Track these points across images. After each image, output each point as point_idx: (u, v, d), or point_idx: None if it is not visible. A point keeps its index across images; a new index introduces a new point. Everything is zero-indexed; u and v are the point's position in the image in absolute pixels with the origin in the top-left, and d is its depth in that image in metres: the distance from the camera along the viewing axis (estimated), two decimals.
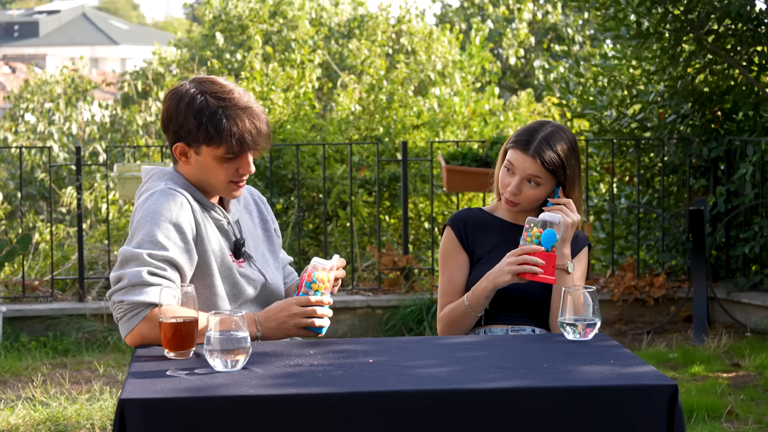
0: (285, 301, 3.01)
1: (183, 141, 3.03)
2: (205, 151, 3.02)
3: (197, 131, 2.99)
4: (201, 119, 2.98)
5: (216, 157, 3.02)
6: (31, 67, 12.93)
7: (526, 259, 3.23)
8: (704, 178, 7.80)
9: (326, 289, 3.00)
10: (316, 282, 2.98)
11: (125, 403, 2.46)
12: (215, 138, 2.98)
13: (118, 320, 2.92)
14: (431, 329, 7.04)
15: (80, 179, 7.57)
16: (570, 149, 3.39)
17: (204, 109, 2.98)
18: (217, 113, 2.98)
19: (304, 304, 2.98)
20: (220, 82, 3.05)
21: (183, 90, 3.03)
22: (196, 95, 3.00)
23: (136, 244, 2.93)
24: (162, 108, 3.09)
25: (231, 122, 2.98)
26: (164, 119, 3.07)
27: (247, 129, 2.99)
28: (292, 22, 13.12)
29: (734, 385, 5.82)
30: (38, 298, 7.37)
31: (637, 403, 2.54)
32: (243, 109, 3.00)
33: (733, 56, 7.51)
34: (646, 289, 7.47)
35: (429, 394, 2.52)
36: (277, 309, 3.00)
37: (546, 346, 2.96)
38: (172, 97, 3.05)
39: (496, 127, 9.65)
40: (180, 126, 3.02)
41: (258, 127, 3.01)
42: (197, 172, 3.06)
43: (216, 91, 3.01)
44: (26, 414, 5.34)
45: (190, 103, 3.00)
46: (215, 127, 2.98)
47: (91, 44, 42.37)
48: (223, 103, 2.99)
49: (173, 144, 3.05)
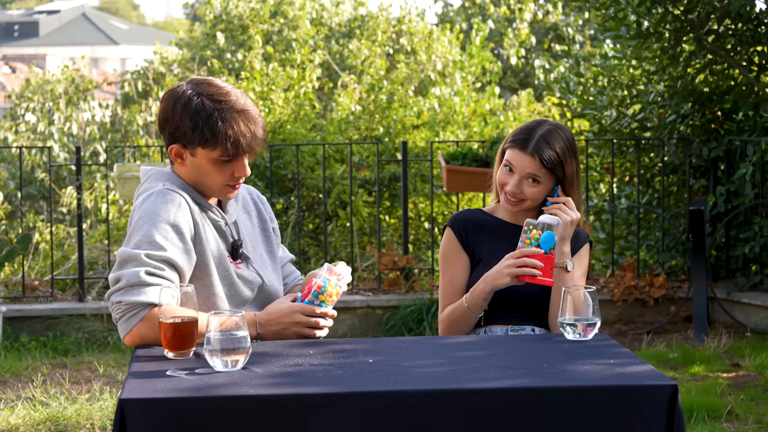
0: (289, 306, 3.00)
1: (179, 142, 3.03)
2: (200, 153, 3.02)
3: (192, 133, 2.99)
4: (197, 121, 2.97)
5: (211, 159, 3.01)
6: (32, 66, 12.92)
7: (525, 261, 3.23)
8: (704, 178, 7.80)
9: (332, 302, 3.00)
10: (325, 294, 2.98)
11: (125, 403, 2.46)
12: (210, 140, 2.98)
13: (116, 321, 2.92)
14: (431, 329, 7.04)
15: (80, 179, 7.57)
16: (568, 147, 3.40)
17: (200, 111, 2.98)
18: (212, 115, 2.97)
19: (309, 314, 2.98)
20: (217, 83, 3.04)
21: (179, 91, 3.03)
22: (193, 97, 3.00)
23: (134, 245, 2.94)
24: (159, 108, 3.10)
25: (227, 125, 2.97)
26: (161, 120, 3.07)
27: (242, 132, 2.98)
28: (292, 22, 13.12)
29: (734, 385, 5.82)
30: (38, 298, 7.37)
31: (637, 403, 2.54)
32: (239, 112, 2.99)
33: (733, 56, 7.51)
34: (646, 289, 7.47)
35: (429, 393, 2.52)
36: (280, 313, 2.99)
37: (546, 346, 2.96)
38: (169, 98, 3.04)
39: (497, 127, 9.65)
40: (176, 127, 3.01)
41: (253, 130, 3.00)
42: (193, 173, 3.06)
43: (212, 93, 3.00)
44: (26, 414, 5.34)
45: (186, 105, 2.99)
46: (211, 130, 2.97)
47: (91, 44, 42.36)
48: (219, 106, 2.98)
49: (169, 145, 3.05)
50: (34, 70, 12.75)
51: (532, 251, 3.23)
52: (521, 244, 3.27)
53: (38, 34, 45.29)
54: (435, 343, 3.08)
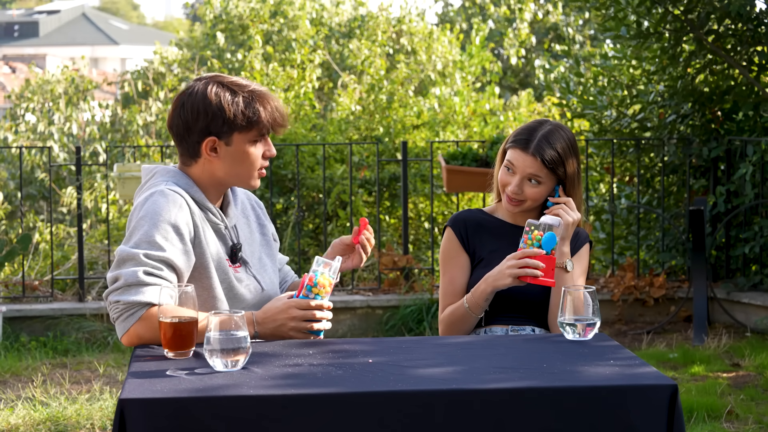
0: (284, 302, 2.99)
1: (214, 134, 3.04)
2: (236, 140, 3.05)
3: (234, 118, 3.03)
4: (237, 105, 3.03)
5: (248, 141, 3.07)
6: (32, 66, 12.92)
7: (527, 262, 3.22)
8: (704, 178, 7.80)
9: (327, 294, 2.99)
10: (318, 286, 2.97)
11: (125, 403, 2.46)
12: (253, 121, 3.04)
13: (114, 320, 2.92)
14: (431, 329, 7.04)
15: (80, 179, 7.57)
16: (569, 147, 3.40)
17: (235, 98, 3.04)
18: (247, 98, 3.05)
19: (304, 307, 2.97)
20: (227, 75, 3.12)
21: (199, 86, 3.06)
22: (219, 89, 3.06)
23: (133, 244, 2.93)
24: (178, 111, 3.07)
25: (263, 104, 3.07)
26: (186, 120, 3.05)
27: (276, 108, 3.09)
28: (292, 22, 13.11)
29: (734, 385, 5.82)
30: (38, 298, 7.37)
31: (637, 403, 2.54)
32: (264, 93, 3.09)
33: (733, 56, 7.51)
34: (646, 289, 7.47)
35: (429, 394, 2.52)
36: (276, 310, 2.99)
37: (546, 346, 2.96)
38: (192, 96, 3.05)
39: (497, 127, 9.65)
40: (212, 119, 3.03)
41: (280, 106, 3.12)
42: (225, 165, 3.07)
43: (233, 81, 3.09)
44: (26, 414, 5.34)
45: (217, 95, 3.04)
46: (252, 111, 3.04)
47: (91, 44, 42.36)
48: (247, 89, 3.07)
49: (201, 141, 3.05)
50: (34, 70, 12.75)
51: (534, 252, 3.23)
52: (522, 244, 3.27)
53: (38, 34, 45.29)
54: (435, 344, 3.08)
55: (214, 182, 3.10)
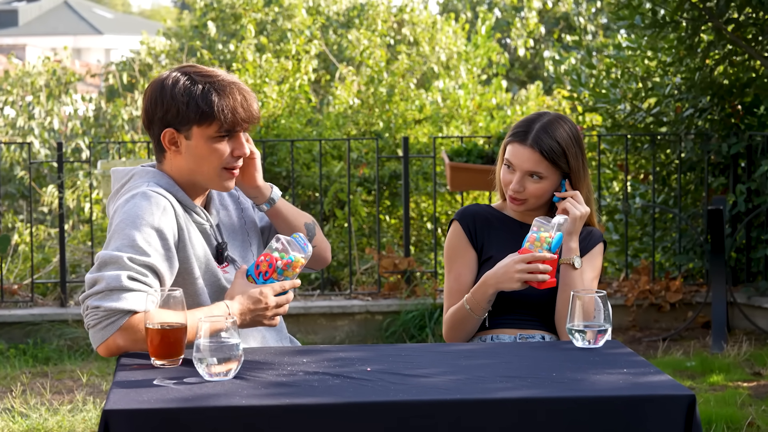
0: (258, 291, 2.93)
1: (172, 125, 3.04)
2: (196, 133, 3.03)
3: (187, 109, 3.01)
4: (191, 95, 3.01)
5: (208, 137, 3.03)
6: (11, 57, 12.92)
7: (537, 267, 3.22)
8: (723, 176, 7.80)
9: (296, 273, 2.98)
10: (290, 269, 2.96)
11: (110, 414, 2.46)
12: (207, 113, 3.00)
13: (89, 327, 2.87)
14: (434, 336, 7.05)
15: (62, 177, 7.58)
16: (571, 137, 3.39)
17: (191, 87, 3.02)
18: (205, 88, 3.02)
19: (279, 293, 2.96)
20: (202, 66, 3.11)
21: (164, 75, 3.08)
22: (181, 77, 3.05)
23: (115, 248, 2.90)
24: (144, 99, 3.10)
25: (221, 96, 3.02)
26: (148, 108, 3.07)
27: (238, 101, 3.03)
28: (287, 11, 13.13)
29: (755, 395, 5.83)
30: (17, 303, 7.38)
31: (652, 414, 2.55)
32: (231, 84, 3.05)
33: (754, 46, 7.51)
34: (661, 294, 7.48)
35: (430, 404, 2.52)
36: (251, 300, 2.93)
37: (554, 353, 2.97)
38: (155, 85, 3.08)
39: (503, 122, 9.66)
40: (167, 109, 3.03)
41: (249, 100, 3.05)
42: (188, 162, 3.06)
43: (200, 71, 3.06)
44: (4, 426, 5.35)
45: (176, 84, 3.03)
46: (206, 102, 3.01)
47: (73, 34, 42.34)
48: (209, 80, 3.04)
49: (161, 133, 3.05)
50: (13, 61, 12.75)
51: (544, 257, 3.22)
52: (528, 244, 3.25)
53: (17, 23, 45.28)
54: (437, 351, 3.08)
55: (186, 180, 3.10)
